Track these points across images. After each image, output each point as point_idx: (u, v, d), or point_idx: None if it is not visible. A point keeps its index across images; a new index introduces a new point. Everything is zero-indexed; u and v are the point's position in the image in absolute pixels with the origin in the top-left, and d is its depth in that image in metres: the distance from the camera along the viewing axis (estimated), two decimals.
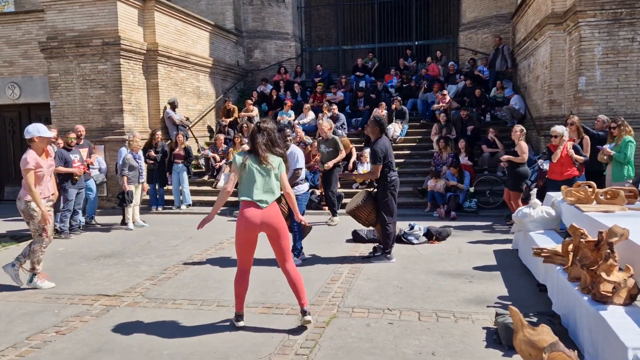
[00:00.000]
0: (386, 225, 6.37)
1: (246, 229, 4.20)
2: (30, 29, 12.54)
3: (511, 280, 5.59)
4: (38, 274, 5.74)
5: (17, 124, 13.44)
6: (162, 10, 12.34)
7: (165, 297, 5.29)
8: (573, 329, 3.93)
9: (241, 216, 4.24)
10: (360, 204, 6.39)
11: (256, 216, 4.18)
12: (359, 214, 6.46)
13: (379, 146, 6.28)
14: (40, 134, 5.61)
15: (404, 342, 4.01)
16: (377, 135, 6.40)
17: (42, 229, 5.69)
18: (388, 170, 6.29)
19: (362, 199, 6.42)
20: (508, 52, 13.76)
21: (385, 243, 6.46)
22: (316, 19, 20.76)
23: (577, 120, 8.21)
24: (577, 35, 9.63)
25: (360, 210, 6.42)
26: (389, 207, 6.35)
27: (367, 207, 6.41)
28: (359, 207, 6.40)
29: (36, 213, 5.65)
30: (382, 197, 6.35)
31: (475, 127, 11.89)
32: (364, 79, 15.41)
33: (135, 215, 9.38)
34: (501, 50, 13.79)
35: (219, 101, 14.93)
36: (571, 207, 5.69)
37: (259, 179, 4.23)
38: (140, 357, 3.88)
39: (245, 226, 4.20)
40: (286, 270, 4.36)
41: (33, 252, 5.72)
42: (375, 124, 6.42)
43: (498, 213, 9.60)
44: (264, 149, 4.25)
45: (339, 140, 9.41)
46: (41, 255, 5.76)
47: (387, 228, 6.37)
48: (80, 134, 9.45)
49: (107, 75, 11.19)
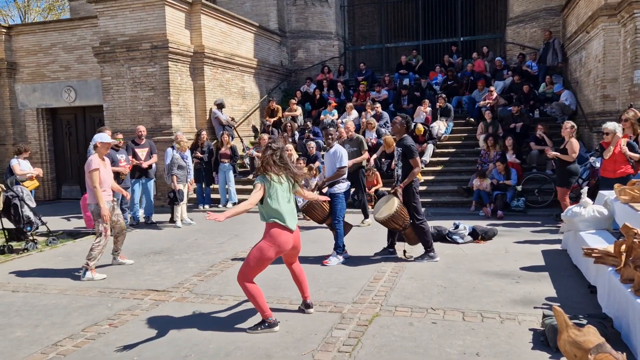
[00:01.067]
0: (421, 224, 6.28)
1: (277, 253, 4.34)
2: (85, 35, 13.12)
3: (560, 281, 5.43)
4: (90, 269, 6.10)
5: (73, 126, 14.12)
6: (208, 13, 12.62)
7: (211, 293, 5.43)
8: (626, 332, 3.79)
9: (273, 241, 4.28)
10: (395, 213, 6.09)
11: (289, 242, 4.38)
12: (394, 221, 6.20)
13: (410, 141, 6.27)
14: (102, 140, 6.34)
15: (447, 342, 3.97)
16: (402, 134, 6.37)
17: (103, 229, 6.18)
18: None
19: (396, 207, 6.09)
20: (559, 46, 13.32)
21: (425, 242, 6.37)
22: (359, 17, 20.70)
23: (633, 116, 7.81)
24: (632, 27, 9.22)
25: (396, 218, 6.16)
26: (418, 205, 6.30)
27: (404, 212, 6.19)
28: (395, 215, 6.11)
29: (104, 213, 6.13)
30: (410, 198, 6.26)
31: (524, 123, 11.58)
32: (407, 76, 15.26)
33: (183, 213, 9.65)
34: (552, 44, 13.36)
35: (263, 101, 15.14)
36: (625, 206, 5.47)
37: (283, 201, 4.33)
38: (187, 350, 4.00)
39: (277, 252, 4.33)
40: (293, 269, 4.71)
41: (91, 249, 6.16)
42: (403, 122, 6.35)
43: (547, 212, 9.32)
44: (276, 168, 4.35)
45: (363, 140, 9.26)
46: (98, 255, 6.18)
47: (422, 227, 6.29)
48: (141, 134, 9.80)
49: (156, 78, 11.55)
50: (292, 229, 4.38)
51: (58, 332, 4.47)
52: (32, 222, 7.95)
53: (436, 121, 12.58)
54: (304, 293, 4.72)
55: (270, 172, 4.33)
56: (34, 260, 7.21)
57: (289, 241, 4.35)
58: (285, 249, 4.36)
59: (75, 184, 14.09)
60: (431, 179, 11.34)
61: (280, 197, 4.32)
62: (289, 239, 4.36)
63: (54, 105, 13.76)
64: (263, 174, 4.36)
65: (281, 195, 4.33)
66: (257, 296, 4.31)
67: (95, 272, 6.15)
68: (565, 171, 7.83)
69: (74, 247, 8.05)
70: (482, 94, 13.16)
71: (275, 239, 4.29)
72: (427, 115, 12.79)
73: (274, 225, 4.31)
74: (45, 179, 13.58)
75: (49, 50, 13.50)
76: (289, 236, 4.35)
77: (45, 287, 5.84)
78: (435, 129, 12.37)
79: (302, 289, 4.71)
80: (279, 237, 4.29)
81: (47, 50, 13.51)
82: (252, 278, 4.32)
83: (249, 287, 4.29)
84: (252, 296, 4.31)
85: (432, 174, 11.52)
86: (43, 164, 13.73)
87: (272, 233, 4.30)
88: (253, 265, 4.30)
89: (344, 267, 6.24)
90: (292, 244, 4.40)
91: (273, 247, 4.27)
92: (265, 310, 4.33)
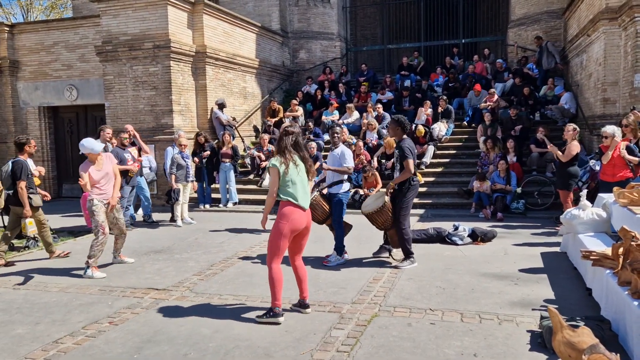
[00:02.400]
0: (402, 229, 6.17)
1: (292, 231, 4.50)
2: (87, 34, 13.16)
3: (559, 283, 5.45)
4: (91, 266, 6.16)
5: (74, 125, 14.17)
6: (211, 13, 12.66)
7: (211, 292, 5.45)
8: (623, 335, 3.81)
9: (287, 218, 4.48)
10: (378, 209, 6.17)
11: (302, 220, 4.56)
12: (377, 217, 6.25)
13: (406, 144, 6.13)
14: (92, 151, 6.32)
15: (445, 343, 4.00)
16: (400, 136, 6.24)
17: (101, 227, 6.20)
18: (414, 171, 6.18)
19: (381, 204, 6.17)
20: (553, 48, 13.34)
21: (405, 248, 6.24)
22: (361, 18, 20.74)
23: (633, 121, 7.81)
24: (633, 31, 9.25)
25: (378, 215, 6.21)
26: (407, 211, 6.19)
27: (385, 212, 6.19)
28: (378, 211, 6.19)
29: (96, 209, 6.17)
30: (402, 201, 6.15)
31: (525, 126, 11.60)
32: (409, 78, 15.30)
33: (184, 212, 9.68)
34: (545, 48, 13.38)
35: (264, 101, 15.18)
36: (623, 209, 5.49)
37: (298, 181, 4.55)
38: (187, 348, 4.03)
39: (292, 229, 4.50)
40: (296, 265, 4.74)
41: (91, 247, 6.21)
42: (396, 125, 6.22)
43: (547, 215, 9.34)
44: (292, 151, 4.57)
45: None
46: (98, 252, 6.23)
47: (404, 232, 6.18)
48: (130, 133, 9.81)
49: (158, 77, 11.59)
50: (305, 208, 4.57)
51: (59, 330, 4.49)
52: None
53: (437, 123, 12.60)
54: (303, 292, 4.77)
55: (287, 155, 4.54)
56: (34, 258, 7.24)
57: (302, 219, 4.54)
58: (298, 227, 4.52)
59: (76, 182, 14.08)
60: (431, 180, 11.37)
61: (294, 178, 4.53)
62: (302, 217, 4.54)
63: (55, 103, 13.81)
64: (279, 156, 4.56)
65: (295, 177, 4.54)
66: (275, 282, 4.50)
67: (97, 271, 6.18)
68: (564, 173, 7.85)
69: (75, 245, 8.08)
70: (479, 98, 13.14)
71: (288, 216, 4.48)
72: (428, 116, 12.81)
73: (287, 204, 4.52)
74: (47, 177, 13.63)
75: (51, 49, 13.55)
76: (301, 214, 4.54)
77: (46, 285, 5.87)
78: (436, 130, 12.40)
79: (302, 288, 4.77)
80: (292, 214, 4.49)
81: (50, 48, 13.55)
82: (276, 259, 4.51)
83: (272, 271, 4.50)
84: (272, 280, 4.50)
85: (433, 176, 11.55)
86: (44, 162, 13.77)
87: (285, 211, 4.50)
88: (272, 245, 4.51)
89: (344, 268, 6.26)
90: (305, 223, 4.58)
91: (287, 224, 4.47)
92: (277, 299, 4.51)
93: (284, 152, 4.56)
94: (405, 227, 6.19)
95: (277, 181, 4.51)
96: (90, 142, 6.34)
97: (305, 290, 4.78)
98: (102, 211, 6.27)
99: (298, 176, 4.57)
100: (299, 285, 4.77)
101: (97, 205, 6.24)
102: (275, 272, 4.51)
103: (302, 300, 4.78)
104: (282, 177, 4.50)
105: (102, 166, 6.38)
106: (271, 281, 4.52)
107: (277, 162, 4.52)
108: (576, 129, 8.02)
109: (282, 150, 4.58)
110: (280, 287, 4.52)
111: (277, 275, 4.51)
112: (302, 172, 4.61)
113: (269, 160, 5.50)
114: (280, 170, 4.49)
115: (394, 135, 6.40)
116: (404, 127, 6.23)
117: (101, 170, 6.35)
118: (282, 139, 4.62)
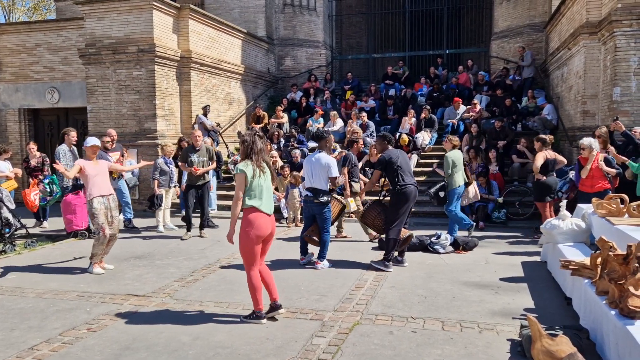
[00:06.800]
0: (387, 230, 6.48)
1: (258, 237, 4.55)
2: (70, 36, 13.02)
3: (539, 292, 5.51)
4: (94, 263, 6.51)
5: (55, 128, 13.94)
6: (196, 19, 12.62)
7: (192, 299, 5.40)
8: (600, 344, 3.86)
9: (252, 225, 4.52)
10: (365, 209, 6.96)
11: (268, 226, 4.61)
12: (365, 219, 7.01)
13: (387, 154, 6.55)
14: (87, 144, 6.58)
15: (426, 351, 4.01)
16: (386, 149, 6.69)
17: (100, 228, 6.42)
18: (398, 178, 6.42)
19: (367, 205, 7.03)
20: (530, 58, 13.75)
21: (386, 250, 6.52)
22: (347, 27, 20.88)
23: (605, 132, 8.01)
24: (612, 45, 9.45)
25: (365, 216, 6.96)
26: (393, 215, 6.47)
27: (372, 213, 6.84)
28: (364, 212, 6.96)
29: (95, 211, 6.39)
30: (389, 205, 6.60)
31: (508, 139, 11.72)
32: (393, 87, 15.40)
33: (166, 218, 9.59)
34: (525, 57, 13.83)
35: (249, 108, 15.15)
36: (602, 219, 5.58)
37: (264, 187, 4.60)
38: (166, 356, 3.98)
39: (258, 235, 4.54)
40: (260, 270, 4.71)
41: (93, 246, 6.50)
42: (382, 139, 6.75)
43: (527, 224, 9.45)
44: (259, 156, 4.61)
45: (212, 150, 9.18)
46: (98, 251, 6.48)
47: (387, 233, 6.48)
48: (112, 138, 9.71)
49: (142, 81, 11.50)
50: (270, 213, 4.65)
51: (35, 336, 4.40)
52: (11, 224, 7.85)
53: (421, 132, 12.69)
54: (272, 294, 4.76)
55: (254, 160, 4.58)
56: (11, 263, 7.10)
57: (267, 225, 4.59)
58: (263, 233, 4.56)
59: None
60: None
61: (261, 183, 4.57)
62: (267, 223, 4.60)
63: (36, 106, 13.61)
64: (247, 161, 4.58)
65: (262, 182, 4.59)
66: (255, 288, 4.58)
67: (97, 267, 6.50)
68: (537, 185, 7.91)
69: (53, 250, 7.94)
70: (459, 112, 13.25)
71: (253, 222, 4.51)
72: (411, 126, 12.90)
73: (251, 210, 4.55)
74: (26, 180, 13.36)
75: (33, 51, 13.36)
76: (266, 220, 4.60)
77: (22, 290, 5.76)
78: (419, 139, 12.48)
79: (270, 290, 4.76)
80: (256, 220, 4.53)
81: (32, 50, 13.36)
82: (253, 267, 4.58)
83: (251, 277, 4.58)
84: (252, 286, 4.59)
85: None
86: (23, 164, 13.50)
87: (250, 218, 4.53)
88: (245, 254, 4.57)
89: (326, 275, 6.26)
90: (270, 228, 4.62)
91: (252, 230, 4.50)
92: (258, 304, 4.60)
93: (251, 158, 4.58)
94: (390, 229, 6.45)
95: (243, 187, 4.53)
96: (90, 138, 6.71)
97: (275, 292, 4.77)
98: (102, 213, 6.45)
99: (265, 182, 4.62)
100: (267, 289, 4.75)
101: (96, 208, 6.40)
102: (254, 278, 4.58)
103: (273, 303, 4.76)
104: (249, 183, 4.52)
105: (98, 163, 6.64)
106: (251, 287, 4.60)
107: (244, 167, 4.53)
108: (540, 141, 7.96)
109: (250, 155, 4.59)
110: (260, 293, 4.60)
111: (255, 281, 4.58)
112: (268, 178, 4.67)
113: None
114: (248, 176, 4.51)
115: (382, 150, 6.71)
116: (389, 141, 6.75)
117: (97, 166, 6.58)
118: (249, 144, 4.61)
